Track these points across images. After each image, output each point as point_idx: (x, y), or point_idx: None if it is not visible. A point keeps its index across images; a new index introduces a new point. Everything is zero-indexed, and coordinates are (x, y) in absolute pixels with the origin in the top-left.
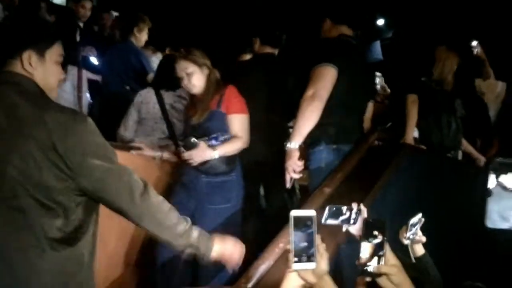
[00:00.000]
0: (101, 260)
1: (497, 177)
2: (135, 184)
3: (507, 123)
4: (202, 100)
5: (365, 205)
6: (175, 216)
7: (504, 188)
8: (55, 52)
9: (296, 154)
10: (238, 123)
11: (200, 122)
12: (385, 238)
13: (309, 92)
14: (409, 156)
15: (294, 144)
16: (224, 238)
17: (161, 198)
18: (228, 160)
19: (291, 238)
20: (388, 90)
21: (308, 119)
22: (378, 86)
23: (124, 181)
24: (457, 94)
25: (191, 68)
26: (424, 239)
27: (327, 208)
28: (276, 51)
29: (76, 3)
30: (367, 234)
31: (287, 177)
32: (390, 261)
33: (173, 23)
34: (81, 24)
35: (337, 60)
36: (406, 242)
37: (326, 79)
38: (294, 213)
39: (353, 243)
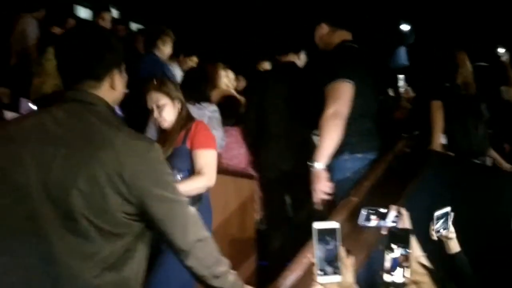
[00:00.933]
0: None
1: None
2: (192, 218)
3: None
4: (170, 135)
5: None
6: (217, 256)
7: None
8: (124, 70)
9: (324, 175)
10: (203, 159)
11: (166, 158)
12: (409, 250)
13: (330, 111)
14: (437, 163)
15: (320, 165)
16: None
17: (208, 234)
18: (192, 198)
19: (314, 251)
20: (411, 94)
21: (332, 139)
22: (402, 89)
23: (185, 213)
24: (482, 99)
25: (164, 100)
26: (453, 234)
27: (362, 210)
28: (297, 59)
29: (96, 15)
30: (391, 244)
31: (316, 199)
32: (418, 271)
33: (194, 32)
34: None
35: (350, 72)
36: (435, 236)
37: (345, 95)
38: (317, 225)
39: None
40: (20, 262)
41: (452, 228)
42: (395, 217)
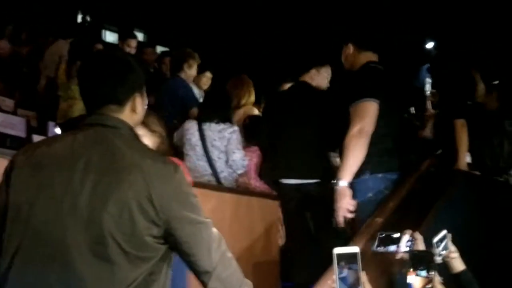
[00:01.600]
0: None
1: None
2: (216, 240)
3: None
4: None
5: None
6: (241, 277)
7: None
8: (145, 93)
9: (348, 193)
10: None
11: None
12: (433, 271)
13: (355, 129)
14: (463, 183)
15: (344, 183)
16: None
17: (231, 255)
18: None
19: (335, 276)
20: (437, 97)
21: (357, 157)
22: (428, 92)
23: (209, 235)
24: (505, 115)
25: (141, 131)
26: (456, 254)
27: (378, 235)
28: (310, 78)
29: (122, 41)
30: (414, 266)
31: (340, 218)
32: None
33: (218, 51)
34: None
35: (376, 92)
36: (439, 260)
37: (370, 114)
38: (337, 250)
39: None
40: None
41: (453, 248)
42: (409, 242)
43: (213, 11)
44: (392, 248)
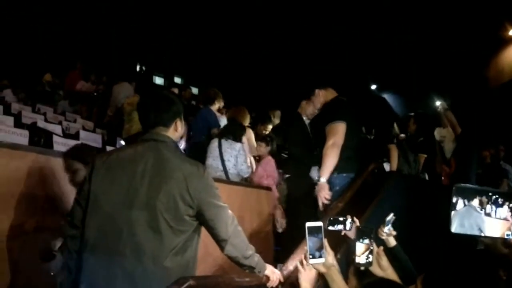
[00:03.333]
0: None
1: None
2: (230, 218)
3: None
4: None
5: (365, 216)
6: (247, 243)
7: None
8: (183, 118)
9: (327, 186)
10: None
11: None
12: (373, 240)
13: (330, 142)
14: (394, 181)
15: (324, 179)
16: (271, 267)
17: (240, 228)
18: None
19: (307, 242)
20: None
21: (332, 161)
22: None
23: (226, 214)
24: (419, 137)
25: (77, 165)
26: (394, 232)
27: (328, 218)
28: (303, 110)
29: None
30: (359, 237)
31: (320, 203)
32: (384, 265)
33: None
34: None
35: (343, 116)
36: (383, 236)
37: (340, 132)
38: (308, 224)
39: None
40: (118, 250)
41: (392, 228)
42: (350, 223)
43: (234, 61)
44: (339, 227)
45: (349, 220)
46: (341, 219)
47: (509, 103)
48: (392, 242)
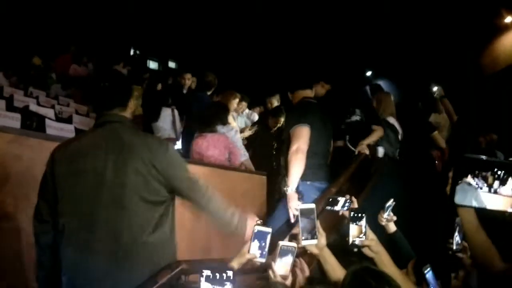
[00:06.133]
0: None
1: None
2: (203, 186)
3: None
4: None
5: (358, 200)
6: (226, 204)
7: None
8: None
9: (295, 196)
10: None
11: None
12: (365, 224)
13: (294, 148)
14: (386, 166)
15: (291, 189)
16: (251, 215)
17: (216, 192)
18: None
19: (300, 224)
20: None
21: (297, 169)
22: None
23: (198, 184)
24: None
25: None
26: (395, 218)
27: (326, 198)
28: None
29: (179, 76)
30: (353, 219)
31: (291, 215)
32: (370, 237)
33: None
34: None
35: (306, 119)
36: (383, 222)
37: (304, 135)
38: (301, 206)
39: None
40: (94, 237)
41: (392, 214)
42: (347, 203)
43: (231, 45)
44: (337, 207)
45: (347, 199)
46: (339, 198)
47: (504, 91)
48: (392, 228)
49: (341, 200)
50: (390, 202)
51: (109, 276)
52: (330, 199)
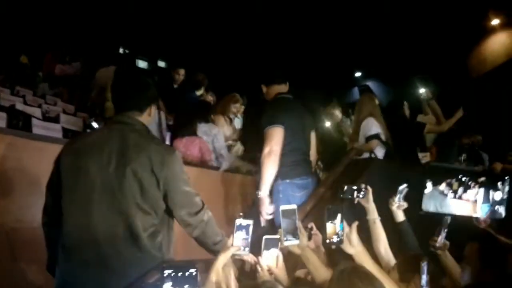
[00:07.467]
0: None
1: (438, 181)
2: (198, 204)
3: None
4: None
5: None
6: (216, 231)
7: (443, 189)
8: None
9: (267, 200)
10: None
11: None
12: (341, 222)
13: (266, 150)
14: (377, 165)
15: (264, 193)
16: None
17: (211, 214)
18: None
19: (282, 225)
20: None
21: (270, 172)
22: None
23: (194, 201)
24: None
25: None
26: (405, 205)
27: (345, 187)
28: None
29: (173, 70)
30: (328, 218)
31: (262, 219)
32: (353, 242)
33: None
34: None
35: (279, 119)
36: (394, 206)
37: (277, 137)
38: (283, 207)
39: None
40: (90, 238)
41: (402, 200)
42: (363, 191)
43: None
44: (353, 195)
45: (362, 187)
46: (354, 187)
47: (491, 93)
48: (401, 217)
49: (357, 188)
50: (403, 187)
51: (95, 282)
52: (346, 188)
